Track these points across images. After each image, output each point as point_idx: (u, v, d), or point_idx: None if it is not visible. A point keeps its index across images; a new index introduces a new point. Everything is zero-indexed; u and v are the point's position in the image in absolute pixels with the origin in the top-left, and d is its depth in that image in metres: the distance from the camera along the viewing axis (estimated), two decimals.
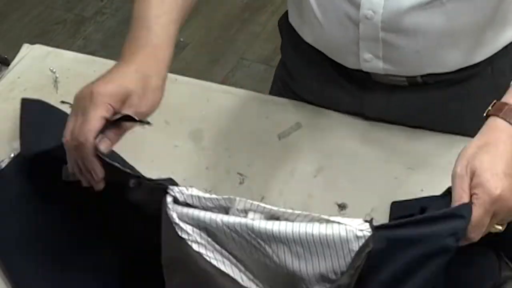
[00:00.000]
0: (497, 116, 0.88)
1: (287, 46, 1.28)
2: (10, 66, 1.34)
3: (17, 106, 1.25)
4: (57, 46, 1.41)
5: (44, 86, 1.29)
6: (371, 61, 1.12)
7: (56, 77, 1.30)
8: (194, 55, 2.77)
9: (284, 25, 1.25)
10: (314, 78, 1.23)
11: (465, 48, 1.09)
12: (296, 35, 1.21)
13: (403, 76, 1.14)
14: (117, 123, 0.88)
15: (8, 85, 1.30)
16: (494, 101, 0.90)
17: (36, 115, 1.17)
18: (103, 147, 0.86)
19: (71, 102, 1.23)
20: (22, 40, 1.48)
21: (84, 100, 0.88)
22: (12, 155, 1.15)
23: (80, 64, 1.34)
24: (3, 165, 1.11)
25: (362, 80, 1.17)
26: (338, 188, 1.11)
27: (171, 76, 1.33)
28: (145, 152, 1.17)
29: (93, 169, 0.88)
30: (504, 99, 0.90)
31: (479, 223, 0.81)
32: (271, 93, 1.36)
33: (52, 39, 2.82)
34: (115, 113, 0.87)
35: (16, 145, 1.18)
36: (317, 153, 1.17)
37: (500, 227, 0.84)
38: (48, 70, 1.30)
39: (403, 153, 1.16)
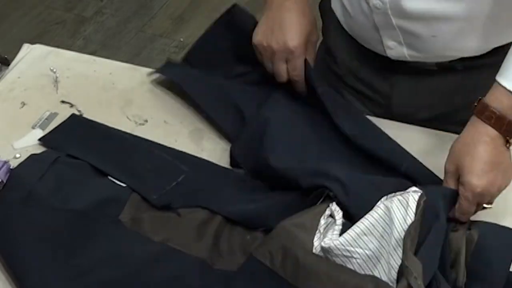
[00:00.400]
0: (479, 118, 0.98)
1: (328, 28, 1.31)
2: (10, 66, 1.34)
3: (17, 106, 1.26)
4: (57, 46, 1.41)
5: (44, 86, 1.29)
6: (395, 48, 1.16)
7: (56, 77, 1.30)
8: None
9: (325, 8, 1.29)
10: (353, 60, 1.26)
11: (483, 33, 1.10)
12: (337, 19, 1.25)
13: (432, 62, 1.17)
14: None
15: (8, 85, 1.30)
16: (480, 98, 0.99)
17: (74, 127, 1.21)
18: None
19: (71, 102, 1.25)
20: (22, 40, 1.48)
21: (280, 52, 1.15)
22: (18, 155, 1.15)
23: (80, 64, 1.34)
24: (13, 165, 1.11)
25: (393, 64, 1.20)
26: None
27: None
28: None
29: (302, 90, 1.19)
30: (487, 100, 0.98)
31: (466, 211, 0.99)
32: None
33: (52, 39, 2.82)
34: None
35: (17, 145, 1.18)
36: None
37: (490, 206, 1.01)
38: (48, 70, 1.30)
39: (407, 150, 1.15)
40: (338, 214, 0.98)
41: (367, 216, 0.94)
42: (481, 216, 1.03)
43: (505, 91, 0.97)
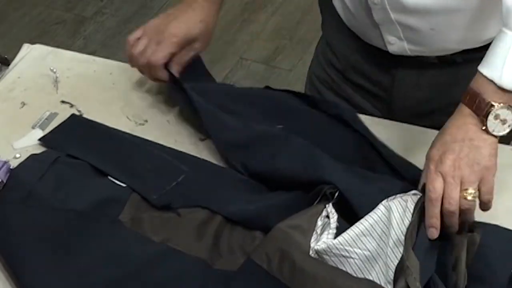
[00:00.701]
0: (461, 101, 1.00)
1: (328, 23, 1.31)
2: (10, 66, 1.34)
3: (17, 106, 1.26)
4: (57, 46, 1.41)
5: (44, 86, 1.29)
6: (395, 43, 1.17)
7: (56, 77, 1.30)
8: None
9: (325, 3, 1.28)
10: (353, 54, 1.27)
11: (481, 24, 1.11)
12: (337, 14, 1.25)
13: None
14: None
15: (8, 85, 1.30)
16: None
17: (74, 127, 1.21)
18: (174, 70, 1.21)
19: (71, 102, 1.25)
20: (22, 40, 1.48)
21: (159, 33, 1.19)
22: (18, 155, 1.15)
23: (80, 64, 1.34)
24: (13, 165, 1.11)
25: (394, 58, 1.20)
26: None
27: None
28: None
29: (161, 77, 1.22)
30: (470, 84, 0.99)
31: (431, 183, 0.95)
32: (311, 68, 1.40)
33: (52, 39, 2.82)
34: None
35: (17, 145, 1.18)
36: None
37: (470, 198, 0.95)
38: (48, 70, 1.30)
39: (407, 150, 1.15)
40: (333, 217, 0.97)
41: (367, 217, 0.94)
42: (483, 217, 1.03)
43: (481, 76, 0.98)
